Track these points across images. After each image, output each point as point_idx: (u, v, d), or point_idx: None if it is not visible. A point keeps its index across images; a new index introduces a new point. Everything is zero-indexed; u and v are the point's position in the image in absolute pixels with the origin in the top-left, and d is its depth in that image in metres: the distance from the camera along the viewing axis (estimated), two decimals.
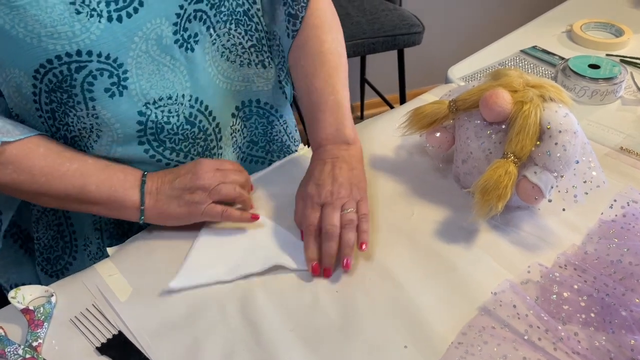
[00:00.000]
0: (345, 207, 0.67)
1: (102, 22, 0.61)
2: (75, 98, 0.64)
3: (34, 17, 0.58)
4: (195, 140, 0.75)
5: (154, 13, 0.64)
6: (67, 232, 0.78)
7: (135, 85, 0.66)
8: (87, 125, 0.67)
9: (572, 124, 0.66)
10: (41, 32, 0.59)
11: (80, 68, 0.62)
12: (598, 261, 0.64)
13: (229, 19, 0.73)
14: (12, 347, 0.57)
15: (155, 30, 0.65)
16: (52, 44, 0.60)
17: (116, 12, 0.62)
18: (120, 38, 0.63)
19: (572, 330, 0.58)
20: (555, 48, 1.11)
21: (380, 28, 1.72)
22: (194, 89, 0.72)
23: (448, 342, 0.57)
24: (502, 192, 0.65)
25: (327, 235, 0.65)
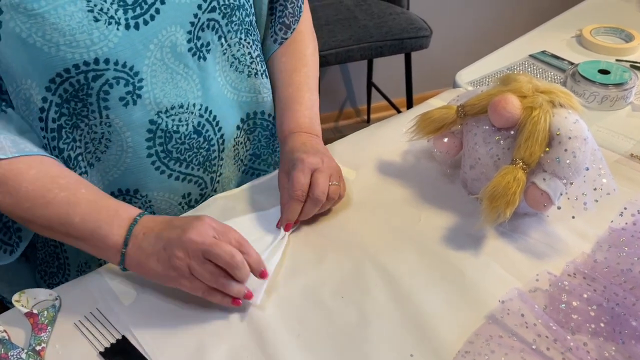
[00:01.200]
0: (332, 180, 0.70)
1: (120, 30, 0.61)
2: (89, 107, 0.64)
3: (52, 26, 0.58)
4: (199, 150, 0.75)
5: (170, 20, 0.65)
6: (62, 256, 0.77)
7: (150, 94, 0.67)
8: (97, 135, 0.67)
9: (582, 131, 0.65)
10: (60, 40, 0.58)
11: (97, 77, 0.62)
12: (608, 270, 0.63)
13: (239, 29, 0.74)
14: (16, 350, 0.56)
15: (170, 38, 0.66)
16: (71, 52, 0.59)
17: (134, 19, 0.62)
18: (137, 45, 0.63)
19: (581, 340, 0.57)
20: (564, 53, 1.10)
21: (388, 32, 1.72)
22: (205, 98, 0.72)
23: (455, 350, 0.57)
24: (511, 198, 0.64)
25: (315, 201, 0.68)
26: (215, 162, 0.78)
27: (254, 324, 0.60)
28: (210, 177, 0.78)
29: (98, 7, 0.60)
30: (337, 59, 1.67)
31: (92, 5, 0.59)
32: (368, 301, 0.62)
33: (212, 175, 0.78)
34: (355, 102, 2.42)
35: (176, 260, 0.58)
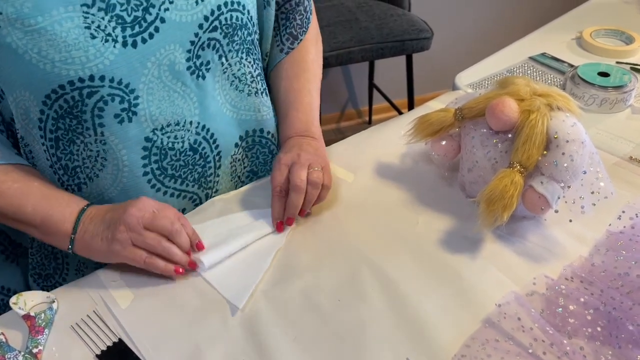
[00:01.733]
0: (312, 166, 0.71)
1: (117, 48, 0.61)
2: (84, 124, 0.64)
3: (48, 42, 0.58)
4: (194, 166, 0.75)
5: (169, 39, 0.65)
6: (60, 255, 0.77)
7: (145, 111, 0.67)
8: (93, 153, 0.67)
9: (579, 134, 0.65)
10: (55, 57, 0.59)
11: (92, 93, 0.62)
12: (605, 274, 0.63)
13: (240, 48, 0.74)
14: (13, 353, 0.56)
15: (169, 56, 0.66)
16: (66, 69, 0.60)
17: (131, 37, 0.62)
18: (134, 63, 0.63)
19: (577, 344, 0.57)
20: (564, 55, 1.10)
21: (389, 33, 1.72)
22: (202, 116, 0.73)
23: (451, 354, 0.57)
24: (508, 202, 0.64)
25: (295, 188, 0.69)
26: (211, 179, 0.78)
27: (251, 328, 0.60)
28: (206, 194, 0.78)
29: (95, 24, 0.60)
30: (338, 61, 1.68)
31: (89, 22, 0.59)
32: (365, 304, 0.62)
33: (207, 191, 0.79)
34: (357, 104, 2.42)
35: (118, 234, 0.62)
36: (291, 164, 0.72)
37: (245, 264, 0.67)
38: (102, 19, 0.60)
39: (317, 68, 0.86)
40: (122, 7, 0.61)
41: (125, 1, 0.61)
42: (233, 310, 0.61)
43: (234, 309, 0.61)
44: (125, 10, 0.61)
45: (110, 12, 0.60)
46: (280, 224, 0.71)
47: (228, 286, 0.64)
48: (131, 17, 0.62)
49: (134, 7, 0.62)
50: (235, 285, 0.64)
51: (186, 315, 0.61)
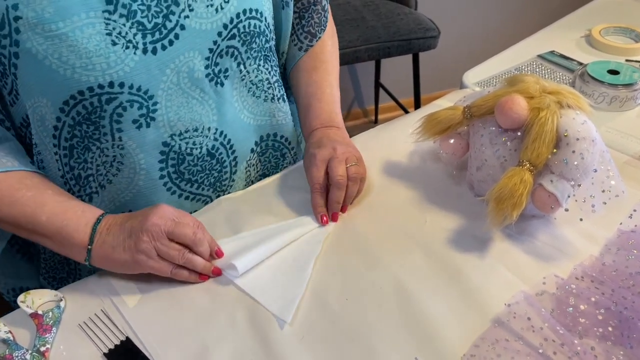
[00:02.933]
0: (349, 161, 0.72)
1: (137, 54, 0.61)
2: (102, 130, 0.64)
3: (69, 48, 0.58)
4: (210, 171, 0.75)
5: (188, 46, 0.65)
6: (72, 261, 0.77)
7: (164, 117, 0.67)
8: (109, 158, 0.67)
9: (590, 132, 0.64)
10: (76, 63, 0.58)
11: (111, 100, 0.62)
12: (616, 273, 0.63)
13: (258, 55, 0.74)
14: (20, 351, 0.56)
15: (188, 63, 0.65)
16: (86, 75, 0.59)
17: (152, 44, 0.62)
18: (153, 70, 0.63)
19: (588, 344, 0.56)
20: (573, 53, 1.09)
21: (396, 32, 1.71)
22: (220, 122, 0.73)
23: (460, 354, 0.56)
24: (517, 200, 0.63)
25: (337, 185, 0.70)
26: (227, 183, 0.79)
27: (258, 326, 0.60)
28: (217, 196, 0.79)
29: (117, 30, 0.59)
30: (345, 60, 1.67)
31: (110, 28, 0.59)
32: (372, 304, 0.62)
33: (220, 194, 0.79)
34: (363, 103, 2.41)
35: (142, 244, 0.61)
36: (329, 160, 0.72)
37: (285, 276, 0.65)
38: (123, 26, 0.60)
39: (335, 60, 0.87)
40: (143, 14, 0.61)
41: (146, 8, 0.61)
42: (281, 324, 0.60)
43: (281, 322, 0.60)
44: (146, 16, 0.61)
45: (131, 19, 0.60)
46: (324, 217, 0.71)
47: (273, 300, 0.62)
48: (152, 23, 0.61)
49: (155, 14, 0.61)
50: (280, 298, 0.62)
51: (194, 314, 0.61)
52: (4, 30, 0.56)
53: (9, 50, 0.58)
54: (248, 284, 0.64)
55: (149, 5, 0.61)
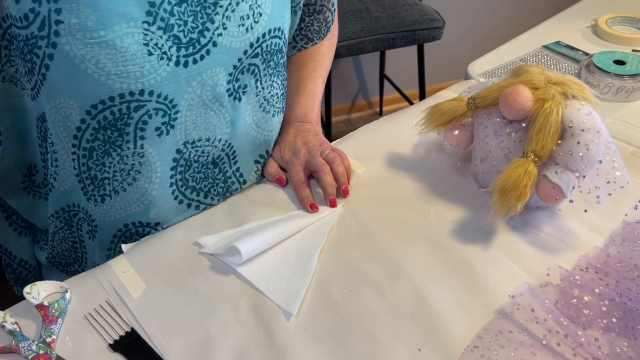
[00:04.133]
0: (323, 152, 0.77)
1: (170, 66, 0.63)
2: (125, 137, 0.65)
3: (107, 55, 0.59)
4: (214, 180, 0.76)
5: (217, 62, 0.67)
6: (80, 251, 0.79)
7: (182, 125, 0.68)
8: (127, 167, 0.68)
9: (595, 122, 0.64)
10: (111, 70, 0.59)
11: (139, 107, 0.63)
12: (621, 264, 0.62)
13: (274, 72, 0.76)
14: (26, 342, 0.57)
15: (213, 78, 0.68)
16: (119, 82, 0.60)
17: (184, 57, 0.64)
18: (181, 81, 0.65)
19: (592, 335, 0.56)
20: (579, 43, 1.08)
21: (400, 23, 1.70)
22: (231, 135, 0.74)
23: (463, 345, 0.56)
24: (522, 192, 0.63)
25: (322, 171, 0.74)
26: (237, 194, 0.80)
27: (261, 317, 0.60)
28: None
29: (153, 41, 0.61)
30: (349, 51, 1.66)
31: (148, 39, 0.60)
32: (376, 295, 0.62)
33: None
34: (368, 95, 2.40)
35: None
36: (305, 161, 0.76)
37: (290, 268, 0.65)
38: (160, 38, 0.61)
39: (327, 60, 0.89)
40: (180, 28, 0.62)
41: (183, 23, 0.62)
42: (287, 315, 0.60)
43: (287, 314, 0.60)
44: (182, 31, 0.63)
45: (168, 32, 0.62)
46: (313, 205, 0.73)
47: (278, 292, 0.62)
48: (187, 38, 0.63)
49: (191, 29, 0.63)
50: (285, 290, 0.62)
51: (198, 304, 0.62)
52: (42, 32, 0.57)
53: (44, 51, 0.58)
54: (253, 275, 0.64)
55: (186, 21, 0.63)
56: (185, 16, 0.62)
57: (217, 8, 0.64)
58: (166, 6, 0.61)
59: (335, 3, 0.87)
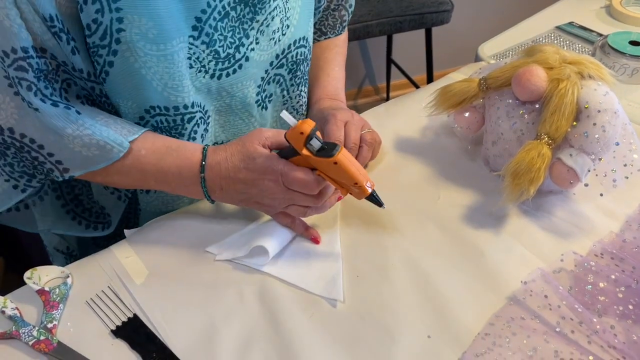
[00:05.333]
0: (364, 127, 0.72)
1: (206, 78, 0.65)
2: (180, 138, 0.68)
3: (165, 69, 0.60)
4: None
5: (248, 76, 0.69)
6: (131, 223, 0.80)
7: (211, 129, 0.72)
8: None
9: (612, 103, 0.61)
10: (168, 82, 0.62)
11: (192, 119, 0.66)
12: (637, 250, 0.61)
13: (301, 82, 0.78)
14: (27, 328, 0.56)
15: (243, 90, 0.69)
16: (175, 95, 0.63)
17: (220, 71, 0.66)
18: (212, 92, 0.67)
19: (608, 322, 0.54)
20: (593, 24, 1.06)
21: (408, 6, 1.67)
22: None
23: (474, 332, 0.55)
24: (535, 175, 0.61)
25: (350, 149, 0.69)
26: None
27: (267, 304, 0.59)
28: None
29: (195, 55, 0.62)
30: (356, 35, 1.64)
31: (191, 53, 0.62)
32: (384, 281, 0.60)
33: None
34: (375, 80, 2.37)
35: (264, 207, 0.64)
36: (346, 122, 0.71)
37: (317, 256, 0.63)
38: (203, 52, 0.63)
39: (344, 48, 0.88)
40: (220, 43, 0.64)
41: (224, 38, 0.63)
42: (332, 303, 0.58)
43: (332, 302, 0.58)
44: (222, 46, 0.64)
45: (211, 47, 0.63)
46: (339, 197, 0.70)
47: (314, 282, 0.60)
48: (225, 53, 0.65)
49: (229, 45, 0.64)
50: (321, 279, 0.60)
51: (201, 291, 0.60)
52: (104, 41, 0.57)
53: (105, 59, 0.59)
54: (282, 272, 0.62)
55: (226, 36, 0.64)
56: (225, 31, 0.63)
57: (253, 23, 0.65)
58: (212, 22, 0.61)
59: (352, 4, 0.85)
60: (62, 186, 0.75)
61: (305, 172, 0.58)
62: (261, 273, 0.62)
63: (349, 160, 0.56)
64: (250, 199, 0.63)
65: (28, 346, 0.55)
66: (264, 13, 0.65)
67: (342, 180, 0.57)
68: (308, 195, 0.60)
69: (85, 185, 0.76)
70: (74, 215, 0.77)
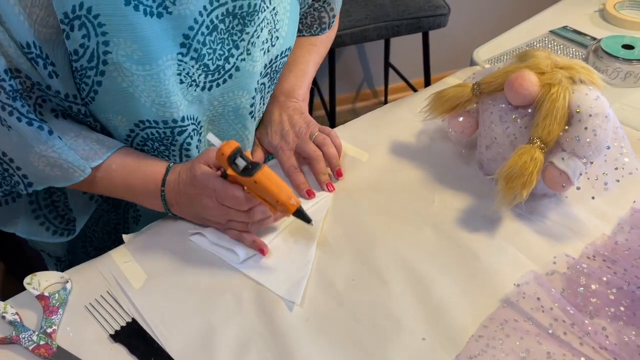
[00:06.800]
0: (311, 134, 0.76)
1: (197, 91, 0.66)
2: (172, 152, 0.70)
3: (152, 88, 0.61)
4: None
5: (239, 86, 0.69)
6: (122, 232, 0.81)
7: (204, 139, 0.73)
8: None
9: (603, 107, 0.62)
10: (155, 100, 0.63)
11: (182, 132, 0.67)
12: (629, 252, 0.61)
13: (270, 91, 0.79)
14: (27, 333, 0.57)
15: (235, 100, 0.71)
16: (163, 111, 0.64)
17: (210, 82, 0.67)
18: (204, 102, 0.68)
19: (600, 324, 0.55)
20: (587, 28, 1.06)
21: (405, 10, 1.68)
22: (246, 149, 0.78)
23: (468, 334, 0.55)
24: (528, 179, 0.62)
25: (314, 159, 0.73)
26: None
27: (263, 307, 0.59)
28: None
29: (185, 71, 0.63)
30: (353, 39, 1.65)
31: (181, 69, 0.63)
32: (380, 284, 0.61)
33: None
34: (372, 84, 2.38)
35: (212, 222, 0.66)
36: (296, 145, 0.75)
37: (289, 259, 0.65)
38: (192, 67, 0.63)
39: (323, 48, 0.89)
40: (210, 57, 0.64)
41: (212, 51, 0.64)
42: (289, 305, 0.59)
43: (290, 304, 0.60)
44: (211, 59, 0.65)
45: (200, 61, 0.64)
46: (310, 191, 0.72)
47: (280, 283, 0.62)
48: (214, 65, 0.65)
49: (218, 57, 0.65)
50: (286, 281, 0.62)
51: (199, 295, 0.61)
52: (92, 63, 0.59)
53: (93, 79, 0.60)
54: (252, 270, 0.64)
55: (215, 49, 0.64)
56: (214, 44, 0.64)
57: (243, 35, 0.66)
58: (199, 37, 0.62)
59: (335, 10, 0.86)
60: (38, 193, 0.76)
61: (235, 189, 0.61)
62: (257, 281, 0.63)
63: (269, 179, 0.59)
64: (197, 215, 0.66)
65: (28, 351, 0.56)
66: (254, 25, 0.66)
67: (266, 198, 0.60)
68: (240, 212, 0.63)
69: (64, 192, 0.77)
70: (44, 221, 0.78)
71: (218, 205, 0.63)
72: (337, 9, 0.86)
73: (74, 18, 0.55)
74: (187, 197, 0.65)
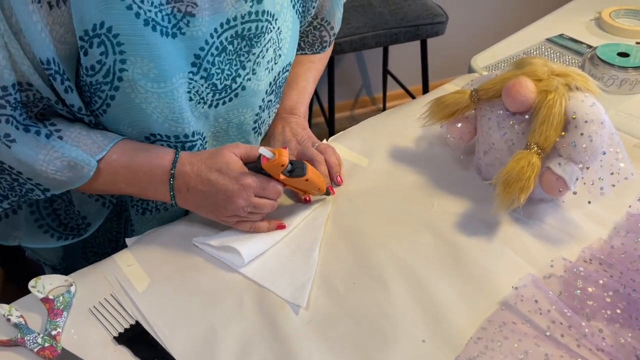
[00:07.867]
0: (313, 143, 0.77)
1: (204, 108, 0.68)
2: None
3: (166, 104, 0.63)
4: None
5: (244, 104, 0.72)
6: (122, 241, 0.82)
7: None
8: None
9: (599, 114, 0.64)
10: (169, 116, 0.64)
11: (192, 146, 0.69)
12: (625, 256, 0.62)
13: (277, 105, 0.81)
14: (32, 335, 0.57)
15: (239, 117, 0.73)
16: (175, 126, 0.66)
17: (217, 100, 0.69)
18: (210, 118, 0.70)
19: (596, 326, 0.56)
20: (583, 36, 1.08)
21: (403, 18, 1.70)
22: None
23: (467, 337, 0.56)
24: (525, 184, 0.63)
25: (317, 162, 0.73)
26: None
27: (265, 310, 0.60)
28: None
29: (195, 89, 0.65)
30: (352, 47, 1.66)
31: (191, 87, 0.64)
32: (380, 287, 0.62)
33: None
34: (371, 91, 2.40)
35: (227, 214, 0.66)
36: (297, 152, 0.77)
37: (293, 262, 0.65)
38: (202, 86, 0.65)
39: (321, 65, 0.91)
40: (218, 76, 0.66)
41: (221, 71, 0.66)
42: (295, 309, 0.60)
43: (293, 307, 0.60)
44: (219, 79, 0.67)
45: (209, 80, 0.66)
46: (308, 198, 0.73)
47: (284, 287, 0.62)
48: (222, 85, 0.67)
49: (226, 77, 0.67)
50: (290, 284, 0.62)
51: (202, 298, 0.62)
52: (107, 79, 0.60)
53: (107, 93, 0.62)
54: (256, 273, 0.64)
55: (223, 69, 0.66)
56: (223, 65, 0.66)
57: (250, 55, 0.68)
58: (209, 57, 0.64)
59: (335, 28, 0.88)
60: (39, 202, 0.76)
61: (276, 182, 0.65)
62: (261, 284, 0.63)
63: (315, 174, 0.67)
64: (211, 204, 0.65)
65: (33, 353, 0.56)
66: (260, 46, 0.68)
67: (306, 189, 0.69)
68: (269, 203, 0.65)
69: (64, 200, 0.77)
70: (47, 229, 0.78)
71: (247, 198, 0.63)
72: (337, 28, 0.88)
73: (94, 36, 0.57)
74: (210, 184, 0.63)
